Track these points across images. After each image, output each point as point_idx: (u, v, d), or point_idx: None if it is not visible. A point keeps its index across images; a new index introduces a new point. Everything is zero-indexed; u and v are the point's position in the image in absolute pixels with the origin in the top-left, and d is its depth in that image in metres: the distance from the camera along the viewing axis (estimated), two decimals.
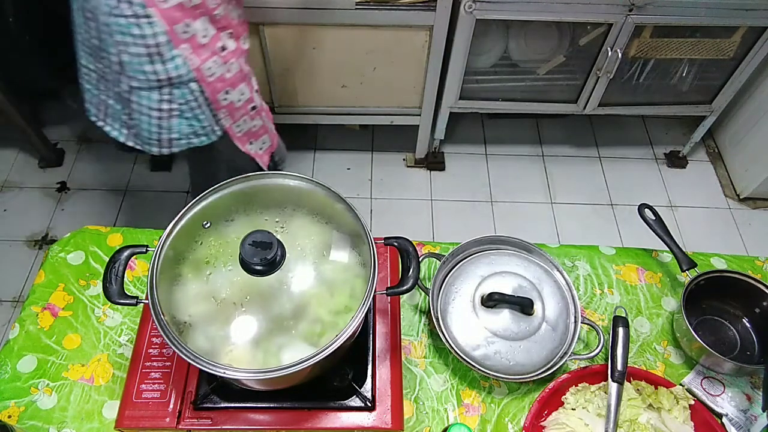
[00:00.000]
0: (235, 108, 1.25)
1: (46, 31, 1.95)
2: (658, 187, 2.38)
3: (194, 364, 0.70)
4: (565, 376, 0.95)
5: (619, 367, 0.94)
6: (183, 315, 0.75)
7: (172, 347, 0.70)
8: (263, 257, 0.74)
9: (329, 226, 0.83)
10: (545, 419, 0.94)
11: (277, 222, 0.83)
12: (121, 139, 1.33)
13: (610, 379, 0.93)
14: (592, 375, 0.97)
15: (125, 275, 0.79)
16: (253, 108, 1.30)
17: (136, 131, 1.27)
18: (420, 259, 0.86)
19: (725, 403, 0.97)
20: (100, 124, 1.34)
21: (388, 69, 1.97)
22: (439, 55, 1.89)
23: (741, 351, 1.03)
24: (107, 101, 1.28)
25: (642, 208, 1.11)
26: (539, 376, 0.93)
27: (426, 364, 1.00)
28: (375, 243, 0.79)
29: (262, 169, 1.43)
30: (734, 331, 1.05)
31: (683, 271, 1.06)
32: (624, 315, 1.01)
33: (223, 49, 1.15)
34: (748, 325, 1.05)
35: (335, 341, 0.72)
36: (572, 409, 0.94)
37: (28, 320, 1.00)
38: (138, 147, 1.31)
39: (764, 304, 1.01)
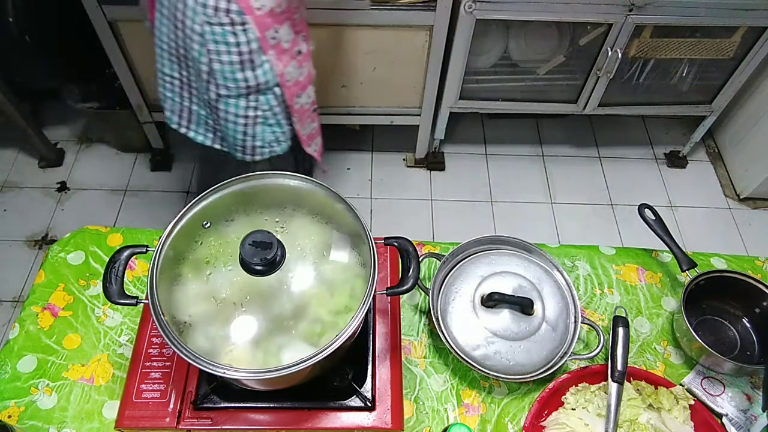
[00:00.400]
0: (304, 110, 1.29)
1: (46, 31, 1.95)
2: (658, 187, 2.38)
3: (194, 364, 0.70)
4: (565, 376, 0.95)
5: (619, 367, 0.94)
6: (183, 315, 0.75)
7: (172, 347, 0.70)
8: (263, 257, 0.74)
9: (329, 226, 0.83)
10: (545, 419, 0.94)
11: (277, 222, 0.83)
12: (207, 143, 1.35)
13: (610, 379, 0.93)
14: (592, 375, 0.97)
15: (125, 275, 0.79)
16: (315, 110, 1.33)
17: (222, 135, 1.30)
18: (420, 259, 0.86)
19: (725, 403, 0.97)
20: (183, 130, 1.37)
21: (388, 69, 1.97)
22: (439, 55, 1.89)
23: (741, 351, 1.03)
24: (191, 107, 1.30)
25: (642, 208, 1.11)
26: (539, 376, 0.93)
27: (426, 364, 1.00)
28: (375, 243, 0.79)
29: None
30: (734, 331, 1.05)
31: (683, 271, 1.06)
32: (624, 315, 1.01)
33: (299, 53, 1.18)
34: (748, 325, 1.05)
35: (335, 341, 0.72)
36: (572, 409, 0.94)
37: (28, 320, 1.00)
38: (225, 149, 1.34)
39: (764, 304, 1.01)
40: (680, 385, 0.97)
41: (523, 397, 0.97)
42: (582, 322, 0.97)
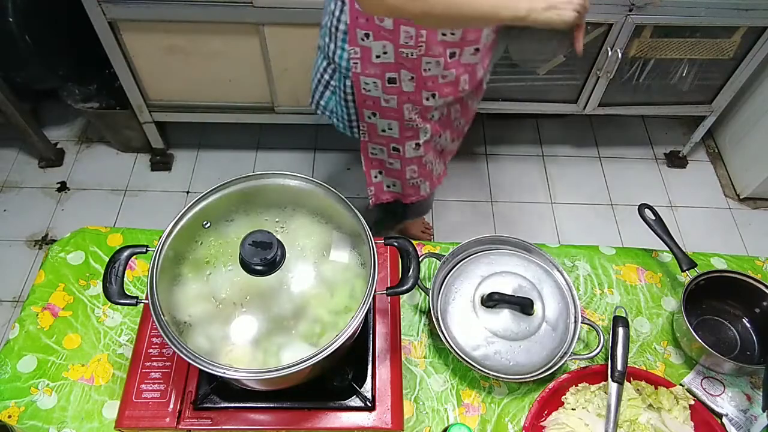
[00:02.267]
0: (376, 133, 1.30)
1: (46, 31, 1.95)
2: (658, 187, 2.38)
3: (194, 364, 0.70)
4: (565, 376, 0.95)
5: (619, 367, 0.94)
6: (183, 315, 0.75)
7: (172, 347, 0.70)
8: (263, 257, 0.74)
9: (329, 226, 0.83)
10: (545, 419, 0.94)
11: (277, 222, 0.83)
12: None
13: (610, 379, 0.93)
14: (592, 375, 0.97)
15: (125, 275, 0.79)
16: (395, 149, 1.33)
17: None
18: (420, 259, 0.86)
19: (725, 403, 0.97)
20: None
21: None
22: None
23: (741, 351, 1.03)
24: None
25: (642, 208, 1.11)
26: (539, 376, 0.93)
27: (426, 364, 1.00)
28: (375, 243, 0.79)
29: None
30: (734, 331, 1.05)
31: (683, 271, 1.06)
32: (624, 315, 1.01)
33: (392, 81, 1.16)
34: (748, 325, 1.05)
35: (335, 341, 0.72)
36: (572, 409, 0.94)
37: (28, 320, 1.00)
38: None
39: (764, 304, 1.01)
40: (680, 385, 0.97)
41: (523, 397, 0.97)
42: (582, 322, 0.97)
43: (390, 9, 0.90)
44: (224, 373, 0.70)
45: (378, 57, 1.11)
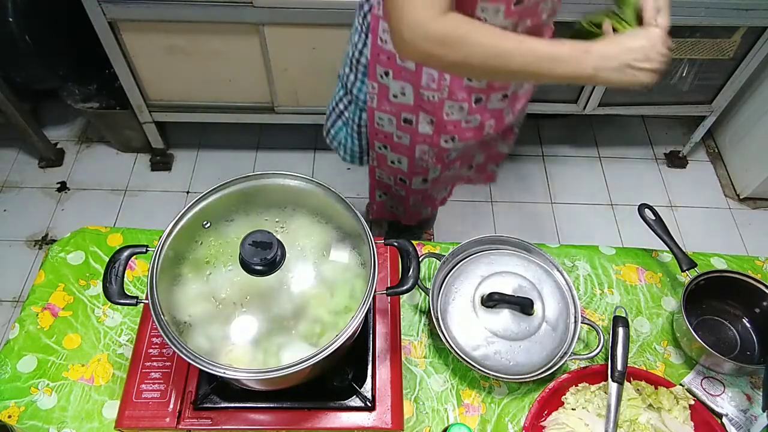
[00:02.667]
0: (386, 163, 1.27)
1: (46, 31, 1.95)
2: (658, 187, 2.38)
3: (194, 364, 0.70)
4: (565, 376, 0.95)
5: (619, 367, 0.94)
6: (183, 315, 0.75)
7: (172, 347, 0.70)
8: (263, 257, 0.74)
9: (329, 226, 0.83)
10: (545, 419, 0.94)
11: (277, 222, 0.83)
12: None
13: (610, 379, 0.93)
14: (592, 375, 0.97)
15: (125, 275, 0.79)
16: (402, 180, 1.30)
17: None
18: (420, 259, 0.86)
19: (725, 403, 0.97)
20: None
21: None
22: None
23: (741, 351, 1.03)
24: None
25: (642, 208, 1.11)
26: (539, 376, 0.93)
27: (426, 364, 1.00)
28: (375, 243, 0.79)
29: None
30: (734, 331, 1.05)
31: (683, 271, 1.06)
32: (624, 315, 1.01)
33: (407, 121, 1.11)
34: (748, 325, 1.05)
35: (335, 341, 0.72)
36: (572, 409, 0.94)
37: (28, 320, 1.00)
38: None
39: (764, 304, 1.01)
40: (680, 385, 0.97)
41: (523, 397, 0.97)
42: (582, 322, 0.97)
43: (427, 56, 0.80)
44: (224, 373, 0.70)
45: (395, 97, 1.07)
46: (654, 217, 1.10)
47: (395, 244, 0.84)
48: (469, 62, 0.80)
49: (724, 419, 0.95)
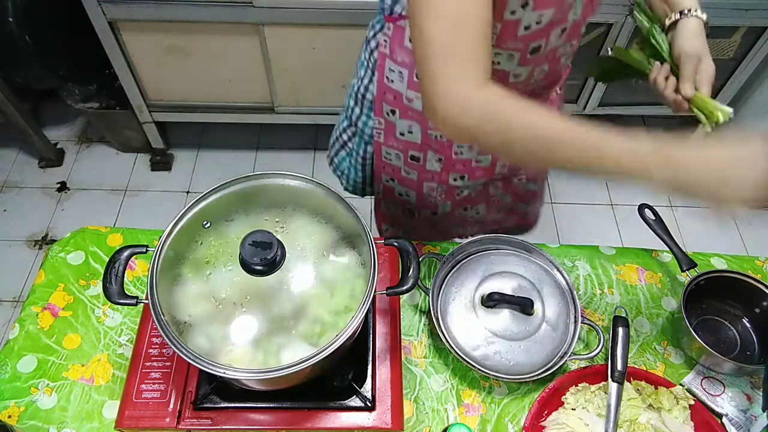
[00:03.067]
0: (393, 196, 1.23)
1: (46, 31, 1.95)
2: None
3: (194, 364, 0.70)
4: (565, 376, 0.95)
5: (619, 367, 0.94)
6: (183, 315, 0.75)
7: (172, 347, 0.70)
8: (263, 257, 0.74)
9: (329, 226, 0.83)
10: (545, 419, 0.94)
11: (277, 222, 0.83)
12: None
13: (610, 379, 0.93)
14: (592, 375, 0.97)
15: (125, 275, 0.79)
16: (410, 211, 1.26)
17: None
18: (420, 259, 0.86)
19: (725, 403, 0.96)
20: None
21: None
22: None
23: (741, 351, 1.03)
24: None
25: (642, 208, 1.11)
26: (539, 376, 0.93)
27: (426, 364, 1.00)
28: (375, 243, 0.79)
29: None
30: (734, 331, 1.05)
31: (683, 271, 1.06)
32: (624, 315, 1.01)
33: (414, 159, 1.09)
34: (748, 325, 1.05)
35: (335, 341, 0.72)
36: (572, 409, 0.94)
37: (28, 320, 1.00)
38: None
39: (764, 304, 1.01)
40: (680, 385, 0.97)
41: (523, 397, 0.97)
42: (582, 322, 0.97)
43: (467, 134, 0.70)
44: (224, 373, 0.70)
45: (402, 135, 1.05)
46: (654, 217, 1.10)
47: (395, 244, 0.84)
48: (512, 151, 0.70)
49: (724, 419, 0.95)
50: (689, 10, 0.92)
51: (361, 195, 1.31)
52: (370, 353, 0.94)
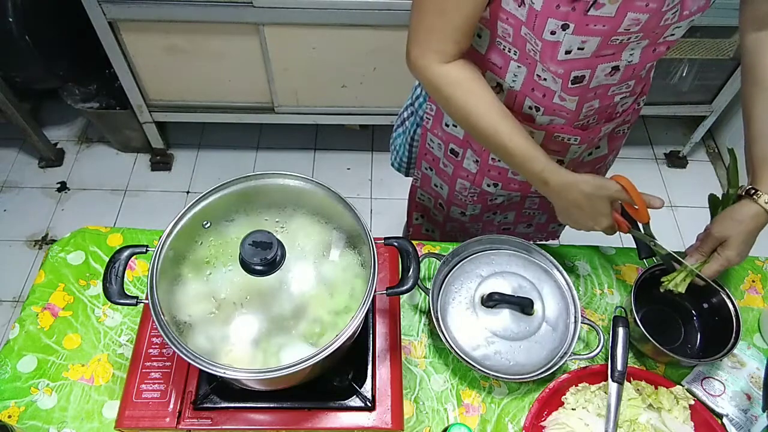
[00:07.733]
0: (429, 185, 1.26)
1: (46, 31, 1.95)
2: (658, 187, 2.38)
3: (194, 364, 0.70)
4: (565, 376, 0.95)
5: (619, 367, 0.94)
6: (183, 315, 0.75)
7: (172, 347, 0.70)
8: (263, 257, 0.74)
9: (329, 226, 0.83)
10: (545, 419, 0.94)
11: (277, 222, 0.83)
12: None
13: (610, 379, 0.93)
14: (592, 375, 0.97)
15: (125, 275, 0.79)
16: (441, 206, 1.29)
17: None
18: (420, 259, 0.86)
19: (725, 403, 0.97)
20: None
21: (388, 69, 1.97)
22: None
23: (682, 344, 1.02)
24: None
25: None
26: (539, 376, 0.93)
27: (426, 364, 1.00)
28: (375, 243, 0.79)
29: None
30: (680, 323, 1.04)
31: (641, 258, 1.04)
32: (624, 315, 1.01)
33: (454, 153, 1.11)
34: (694, 320, 1.04)
35: (335, 341, 0.72)
36: (572, 409, 0.94)
37: (28, 320, 1.00)
38: None
39: (713, 300, 1.01)
40: (680, 385, 0.97)
41: (523, 397, 0.97)
42: (582, 322, 0.97)
43: (423, 81, 0.89)
44: (224, 373, 0.70)
45: (447, 126, 1.07)
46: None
47: (395, 244, 0.84)
48: (451, 115, 0.91)
49: (724, 419, 0.95)
50: (756, 191, 0.90)
51: (406, 174, 1.34)
52: (370, 353, 0.94)
